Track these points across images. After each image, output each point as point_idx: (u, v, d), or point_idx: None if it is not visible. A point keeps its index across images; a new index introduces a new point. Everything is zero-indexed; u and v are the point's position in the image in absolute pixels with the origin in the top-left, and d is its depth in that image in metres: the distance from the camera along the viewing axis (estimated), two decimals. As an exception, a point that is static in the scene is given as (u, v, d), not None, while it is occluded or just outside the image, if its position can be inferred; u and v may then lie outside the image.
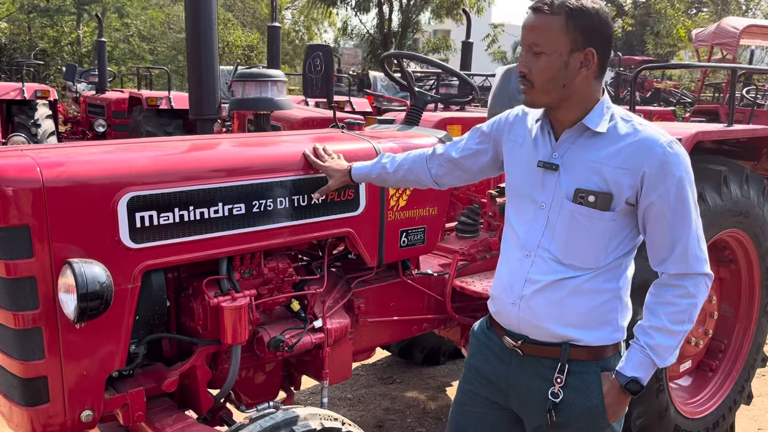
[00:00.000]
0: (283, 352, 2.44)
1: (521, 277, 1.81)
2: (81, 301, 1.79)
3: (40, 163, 1.90)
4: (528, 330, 1.82)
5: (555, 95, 1.69)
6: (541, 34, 1.65)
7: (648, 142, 1.65)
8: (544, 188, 1.78)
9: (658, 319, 1.72)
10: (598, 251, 1.74)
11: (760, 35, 9.19)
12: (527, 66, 1.67)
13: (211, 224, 2.19)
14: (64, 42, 19.97)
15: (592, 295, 1.76)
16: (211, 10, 2.62)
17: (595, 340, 1.78)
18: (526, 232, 1.82)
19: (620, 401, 1.77)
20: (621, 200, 1.68)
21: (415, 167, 2.20)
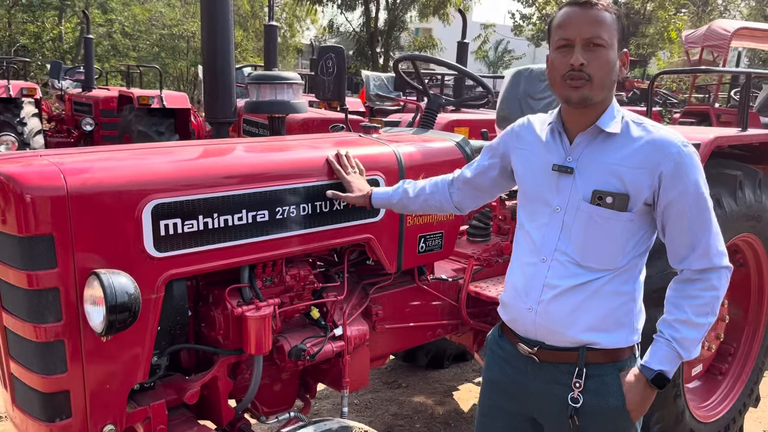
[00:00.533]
0: (305, 361, 2.39)
1: (539, 282, 1.80)
2: (110, 314, 1.72)
3: (64, 169, 1.83)
4: (545, 336, 1.81)
5: (607, 91, 1.71)
6: (602, 28, 1.66)
7: (663, 143, 1.68)
8: (558, 192, 1.78)
9: (682, 312, 1.73)
10: (615, 252, 1.74)
11: (750, 38, 9.29)
12: (586, 59, 1.65)
13: (235, 232, 2.13)
14: (46, 38, 19.62)
15: (610, 297, 1.76)
16: (228, 11, 2.56)
17: (612, 342, 1.78)
18: (542, 237, 1.80)
19: (645, 397, 1.76)
20: (638, 201, 1.70)
21: (437, 192, 2.22)
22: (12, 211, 1.76)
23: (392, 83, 9.55)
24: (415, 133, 3.00)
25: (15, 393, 2.00)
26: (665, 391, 2.82)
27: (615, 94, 1.79)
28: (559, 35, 1.71)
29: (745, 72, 3.10)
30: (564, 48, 1.69)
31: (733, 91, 8.97)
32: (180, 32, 23.07)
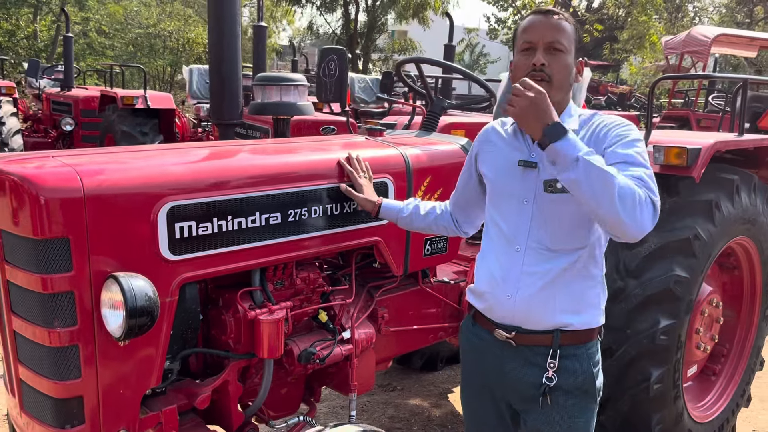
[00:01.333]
0: (314, 364, 2.38)
1: (516, 270, 1.91)
2: (130, 318, 1.69)
3: (80, 171, 1.79)
4: (522, 320, 1.92)
5: (565, 92, 1.87)
6: (562, 34, 1.84)
7: (606, 123, 1.84)
8: (524, 185, 1.91)
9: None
10: (581, 231, 1.87)
11: (727, 44, 9.49)
12: (547, 60, 1.81)
13: (248, 234, 2.11)
14: (20, 36, 19.21)
15: (582, 279, 1.90)
16: (235, 12, 2.53)
17: (583, 323, 1.91)
18: (515, 228, 1.93)
19: (532, 109, 1.64)
20: None
21: (445, 215, 2.31)
22: (26, 213, 1.72)
23: (377, 85, 9.57)
24: (418, 136, 3.00)
25: (23, 398, 1.96)
26: (665, 393, 2.88)
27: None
28: (523, 39, 1.88)
29: (742, 78, 3.16)
30: (527, 51, 1.85)
31: (711, 97, 9.14)
32: (157, 32, 22.80)
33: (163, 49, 23.78)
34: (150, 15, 23.51)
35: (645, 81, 24.74)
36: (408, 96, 7.55)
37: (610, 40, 25.89)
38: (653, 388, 2.81)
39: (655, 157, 2.84)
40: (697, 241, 2.86)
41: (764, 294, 3.50)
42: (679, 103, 11.43)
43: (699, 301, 3.10)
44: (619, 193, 1.58)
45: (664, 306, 2.80)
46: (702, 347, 3.24)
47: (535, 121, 1.65)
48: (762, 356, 3.70)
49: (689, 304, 2.92)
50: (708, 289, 3.19)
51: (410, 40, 26.81)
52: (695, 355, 3.27)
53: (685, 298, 2.86)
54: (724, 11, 28.00)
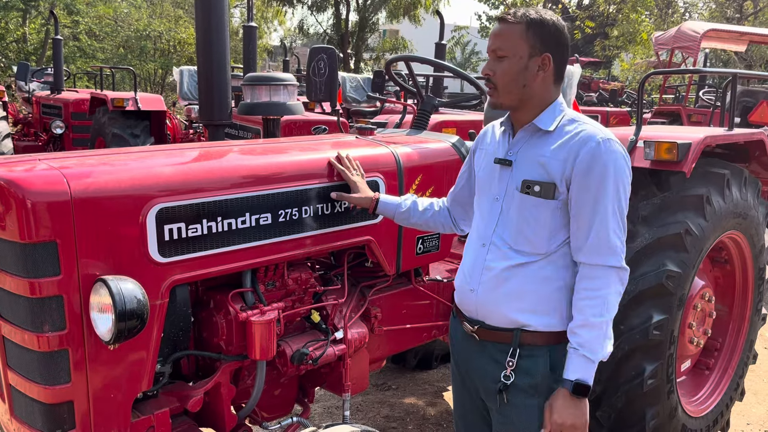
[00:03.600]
0: (307, 365, 2.37)
1: (479, 264, 1.96)
2: (119, 321, 1.68)
3: (67, 174, 1.78)
4: (484, 315, 1.95)
5: (516, 95, 1.87)
6: (504, 40, 1.84)
7: (585, 136, 1.82)
8: (499, 182, 1.95)
9: (580, 314, 1.81)
10: (545, 237, 1.87)
11: (717, 39, 9.51)
12: (491, 69, 1.87)
13: (239, 235, 2.10)
14: (9, 39, 19.08)
15: (543, 282, 1.88)
16: (222, 11, 2.52)
17: (544, 325, 1.89)
18: (485, 224, 1.98)
19: (577, 409, 1.80)
20: (563, 190, 1.84)
21: (443, 211, 2.32)
22: (13, 217, 1.71)
23: (368, 84, 9.56)
24: (409, 134, 3.00)
25: (14, 404, 1.94)
26: (659, 388, 2.89)
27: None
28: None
29: (731, 72, 3.16)
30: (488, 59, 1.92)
31: (701, 92, 9.16)
32: (147, 32, 22.70)
33: (153, 51, 23.68)
34: (140, 16, 23.42)
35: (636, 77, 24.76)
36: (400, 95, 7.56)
37: (601, 37, 25.92)
38: (647, 383, 2.81)
39: (646, 152, 2.84)
40: (688, 236, 2.87)
41: (756, 288, 3.51)
42: (671, 98, 11.46)
43: (691, 296, 3.11)
44: (609, 309, 1.81)
45: (656, 301, 2.81)
46: (695, 342, 3.24)
47: (583, 410, 1.81)
48: (755, 350, 3.71)
49: (682, 299, 2.92)
50: (700, 284, 3.20)
51: (402, 39, 26.79)
52: (688, 350, 3.27)
53: (678, 293, 2.87)
54: (713, 6, 28.06)
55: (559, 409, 1.80)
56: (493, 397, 1.94)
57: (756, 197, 3.33)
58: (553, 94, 1.91)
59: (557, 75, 1.89)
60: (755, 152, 3.49)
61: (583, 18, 23.60)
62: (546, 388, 1.88)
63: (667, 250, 2.82)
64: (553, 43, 1.84)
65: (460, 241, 3.58)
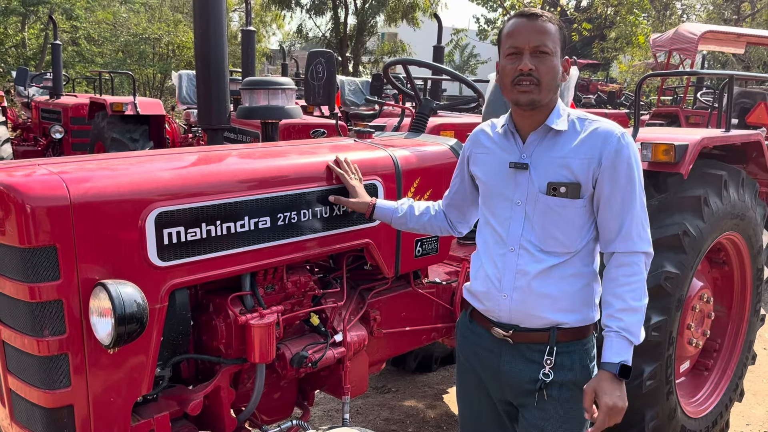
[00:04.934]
0: (307, 368, 2.37)
1: (511, 270, 1.95)
2: (118, 325, 1.69)
3: (66, 178, 1.78)
4: (520, 319, 1.95)
5: (553, 93, 1.89)
6: (547, 37, 1.84)
7: (605, 133, 1.87)
8: (517, 186, 1.94)
9: (620, 300, 1.85)
10: (573, 236, 1.91)
11: (714, 41, 9.53)
12: (534, 64, 1.83)
13: (237, 239, 2.11)
14: (8, 44, 19.09)
15: (575, 279, 1.93)
16: (220, 16, 2.53)
17: (578, 321, 1.94)
18: (507, 229, 1.96)
19: (620, 392, 1.83)
20: (588, 187, 1.88)
21: (439, 214, 2.32)
22: (13, 222, 1.72)
23: (367, 88, 9.58)
24: (407, 137, 3.01)
25: (14, 408, 1.94)
26: (658, 389, 2.89)
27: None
28: (508, 44, 1.88)
29: (727, 74, 3.18)
30: (513, 55, 1.87)
31: (699, 93, 9.18)
32: (146, 36, 22.72)
33: (152, 56, 23.71)
34: (139, 21, 23.44)
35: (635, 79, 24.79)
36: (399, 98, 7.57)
37: (599, 39, 25.96)
38: (646, 384, 2.82)
39: (643, 153, 2.85)
40: (686, 237, 2.88)
41: (754, 288, 3.52)
42: (668, 100, 11.49)
43: (690, 297, 3.11)
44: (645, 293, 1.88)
45: (655, 302, 2.79)
46: (694, 343, 3.25)
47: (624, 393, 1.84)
48: (754, 350, 3.72)
49: (680, 300, 2.93)
50: (699, 285, 3.20)
51: (400, 42, 26.83)
52: (687, 351, 3.28)
53: (676, 294, 2.87)
54: (711, 8, 28.14)
55: (608, 391, 1.81)
56: (530, 396, 1.95)
57: (754, 198, 3.34)
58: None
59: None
60: (752, 153, 3.50)
61: (581, 20, 23.63)
62: (586, 380, 1.91)
63: (665, 252, 2.83)
64: (565, 47, 1.92)
65: (459, 243, 3.59)
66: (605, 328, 1.87)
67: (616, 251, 1.90)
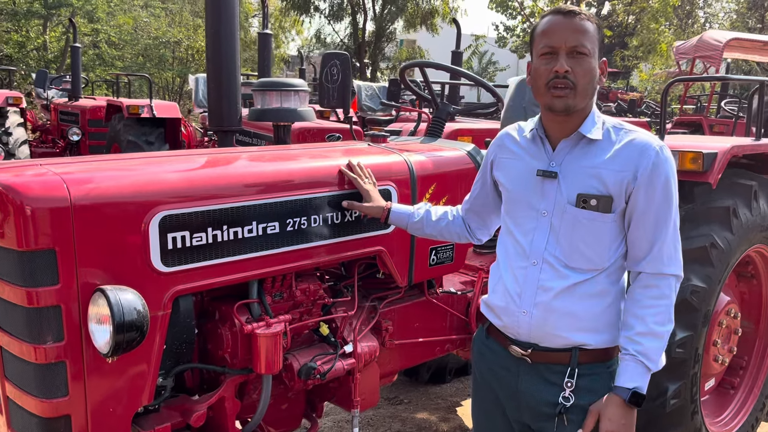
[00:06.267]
0: (315, 380, 2.28)
1: (532, 285, 1.81)
2: (117, 333, 1.62)
3: (67, 179, 1.72)
4: (539, 338, 1.82)
5: (589, 98, 1.75)
6: (585, 36, 1.70)
7: (643, 145, 1.73)
8: (544, 196, 1.81)
9: (642, 323, 1.74)
10: (601, 252, 1.78)
11: (740, 48, 9.35)
12: (570, 66, 1.69)
13: (245, 245, 2.04)
14: (30, 47, 19.32)
15: (601, 297, 1.79)
16: (233, 17, 2.46)
17: (602, 342, 1.80)
18: (531, 241, 1.83)
19: (627, 419, 1.73)
20: (621, 201, 1.74)
21: (458, 219, 2.21)
22: (11, 224, 1.66)
23: (384, 93, 9.50)
24: (423, 142, 2.92)
25: (11, 416, 1.88)
26: (682, 408, 2.77)
27: (603, 105, 1.80)
28: (543, 43, 1.74)
29: (758, 80, 3.06)
30: (548, 55, 1.72)
31: (723, 102, 9.00)
32: (166, 39, 22.91)
33: (172, 60, 23.89)
34: (159, 25, 23.65)
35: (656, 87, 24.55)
36: (416, 103, 7.49)
37: (620, 47, 25.75)
38: (670, 403, 2.69)
39: (669, 162, 2.73)
40: (714, 250, 2.76)
41: (784, 304, 3.38)
42: (691, 109, 11.29)
43: (716, 312, 2.99)
44: (670, 319, 1.77)
45: (680, 317, 2.66)
46: (720, 360, 3.12)
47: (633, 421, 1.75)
48: (782, 368, 3.57)
49: (706, 316, 2.81)
50: (726, 299, 3.07)
51: (419, 49, 26.79)
52: (713, 368, 3.15)
53: (702, 309, 2.75)
54: (734, 17, 27.81)
55: (612, 416, 1.71)
56: (548, 420, 1.82)
57: (784, 210, 3.20)
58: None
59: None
60: (781, 163, 3.36)
61: (602, 28, 23.49)
62: None
63: (692, 264, 2.71)
64: (603, 48, 1.78)
65: (475, 252, 3.49)
66: (622, 350, 1.77)
67: (644, 271, 1.77)
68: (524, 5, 24.56)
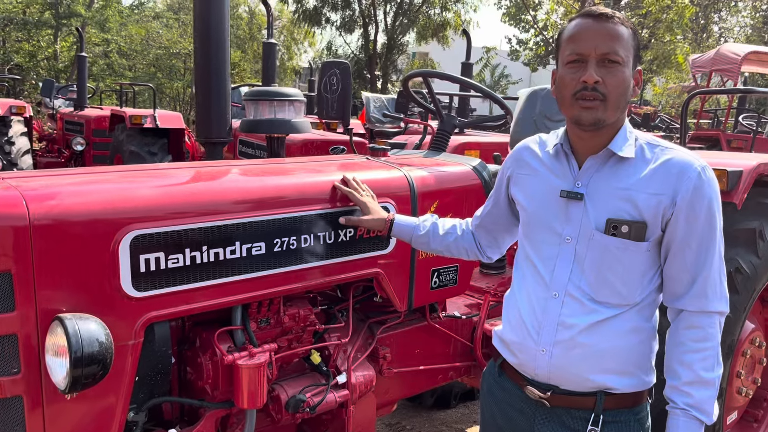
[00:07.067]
0: (304, 413, 2.10)
1: (552, 320, 1.62)
2: (75, 367, 1.45)
3: (27, 195, 1.56)
4: (560, 379, 1.63)
5: (620, 111, 1.55)
6: (619, 43, 1.50)
7: (682, 165, 1.53)
8: (569, 220, 1.61)
9: (689, 370, 1.55)
10: (633, 285, 1.59)
11: (757, 62, 9.11)
12: (601, 75, 1.50)
13: (227, 267, 1.87)
14: (41, 57, 19.40)
15: (630, 335, 1.60)
16: (222, 22, 2.31)
17: (631, 386, 1.62)
18: (552, 270, 1.64)
19: None
20: (656, 228, 1.55)
21: (466, 235, 2.01)
22: (-39, 244, 1.49)
23: (393, 105, 9.34)
24: (426, 156, 2.75)
25: (-36, 456, 1.71)
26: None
27: None
28: (570, 49, 1.54)
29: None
30: (576, 63, 1.53)
31: (741, 117, 8.77)
32: (177, 50, 22.98)
33: (183, 70, 23.93)
34: (171, 36, 23.73)
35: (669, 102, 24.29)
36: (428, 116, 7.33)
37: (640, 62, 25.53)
38: (690, 441, 2.48)
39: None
40: (738, 275, 2.55)
41: (812, 332, 3.16)
42: (706, 123, 11.05)
43: (741, 341, 2.78)
44: (719, 361, 1.57)
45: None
46: (744, 392, 2.90)
47: None
48: (808, 401, 3.34)
49: (731, 345, 2.60)
50: (750, 327, 2.86)
51: (430, 61, 26.71)
52: (736, 401, 2.93)
53: (727, 339, 2.54)
54: (750, 32, 27.53)
55: None
56: None
57: (813, 232, 2.99)
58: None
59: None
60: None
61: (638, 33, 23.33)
62: None
63: (715, 291, 2.51)
64: (639, 55, 1.59)
65: (481, 273, 3.30)
66: (670, 402, 1.57)
67: (686, 309, 1.58)
68: (537, 18, 24.43)
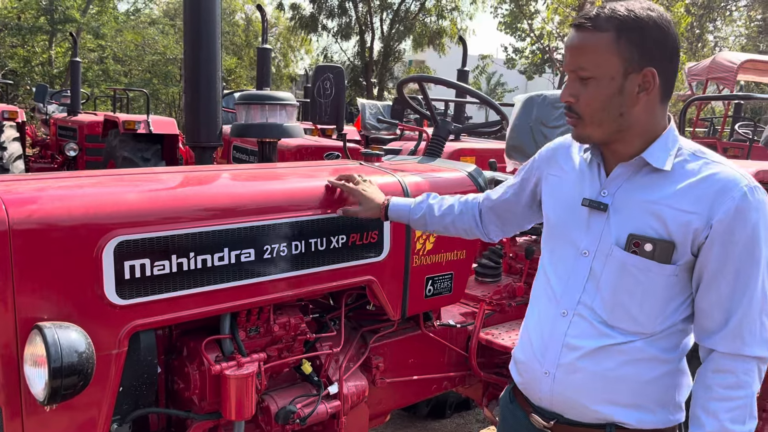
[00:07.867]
0: (294, 424, 2.05)
1: (557, 340, 1.49)
2: (54, 378, 1.40)
3: (7, 199, 1.52)
4: (563, 408, 1.51)
5: (609, 127, 1.39)
6: (588, 56, 1.36)
7: (725, 183, 1.32)
8: (588, 232, 1.47)
9: (715, 420, 1.35)
10: (653, 313, 1.41)
11: (753, 71, 9.13)
12: (573, 95, 1.40)
13: (215, 274, 1.82)
14: (35, 62, 19.35)
15: (645, 366, 1.43)
16: (212, 24, 2.26)
17: (649, 422, 1.45)
18: (564, 285, 1.50)
19: None
20: (686, 251, 1.36)
21: (466, 214, 1.89)
22: (-62, 249, 1.44)
23: (389, 111, 9.32)
24: (420, 162, 2.70)
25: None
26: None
27: None
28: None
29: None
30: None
31: (737, 125, 8.77)
32: (173, 56, 22.96)
33: (179, 76, 23.91)
34: (167, 42, 23.71)
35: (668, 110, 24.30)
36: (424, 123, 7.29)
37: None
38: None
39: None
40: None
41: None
42: (702, 132, 11.06)
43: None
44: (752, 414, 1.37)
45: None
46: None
47: None
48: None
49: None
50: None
51: (427, 68, 26.72)
52: None
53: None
54: (745, 41, 27.65)
55: None
56: None
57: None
58: (662, 119, 1.42)
59: (664, 92, 1.39)
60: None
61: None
62: None
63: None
64: (657, 50, 1.34)
65: (477, 280, 3.26)
66: None
67: (717, 350, 1.37)
68: (533, 27, 24.48)
